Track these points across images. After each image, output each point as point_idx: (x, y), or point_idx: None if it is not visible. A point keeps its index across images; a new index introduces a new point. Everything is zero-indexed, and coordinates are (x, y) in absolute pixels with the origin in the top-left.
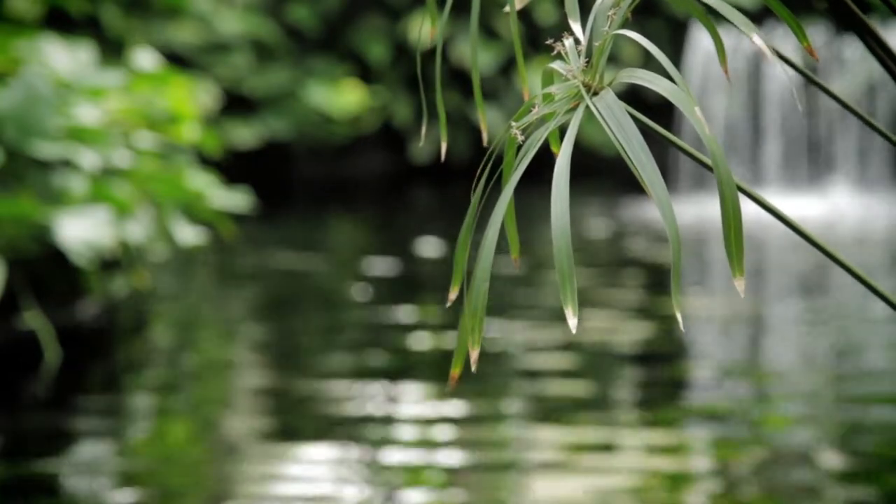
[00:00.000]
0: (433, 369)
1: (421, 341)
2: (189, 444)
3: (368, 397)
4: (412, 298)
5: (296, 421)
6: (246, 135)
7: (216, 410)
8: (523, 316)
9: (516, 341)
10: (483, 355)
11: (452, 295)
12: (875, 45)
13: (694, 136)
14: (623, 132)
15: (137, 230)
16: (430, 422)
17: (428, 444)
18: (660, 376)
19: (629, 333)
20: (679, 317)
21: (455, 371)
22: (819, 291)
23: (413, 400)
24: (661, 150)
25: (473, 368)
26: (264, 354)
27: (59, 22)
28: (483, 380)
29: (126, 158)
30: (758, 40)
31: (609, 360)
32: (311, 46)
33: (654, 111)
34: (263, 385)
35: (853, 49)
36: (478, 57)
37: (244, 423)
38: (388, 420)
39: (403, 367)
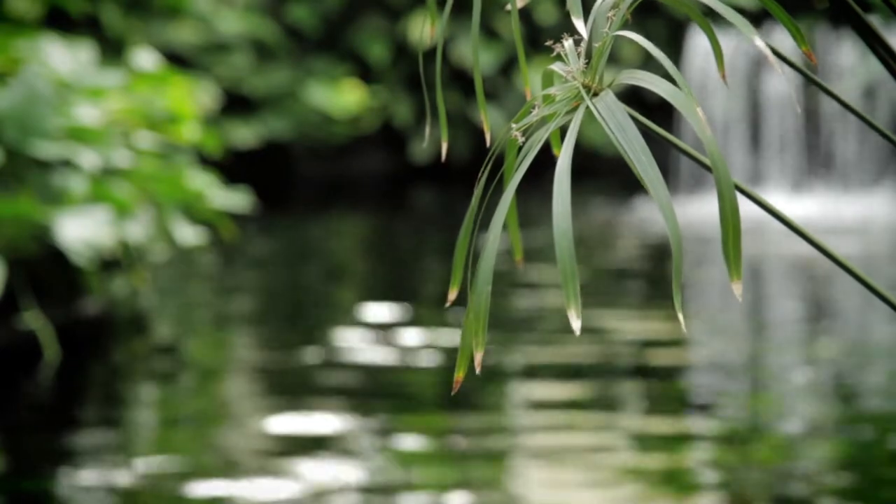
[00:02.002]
0: (435, 377)
1: (419, 344)
2: (189, 446)
3: (371, 408)
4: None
5: (296, 423)
6: (246, 135)
7: (216, 411)
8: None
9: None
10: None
11: (452, 295)
12: (876, 45)
13: (694, 136)
14: (623, 133)
15: (137, 230)
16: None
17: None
18: (659, 377)
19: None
20: (681, 317)
21: (459, 375)
22: (819, 293)
23: (414, 409)
24: (662, 151)
25: (478, 371)
26: (265, 355)
27: (59, 22)
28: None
29: (126, 158)
30: (759, 42)
31: (609, 367)
32: (311, 46)
33: (654, 111)
34: (264, 386)
35: (853, 50)
36: (479, 56)
37: (244, 426)
38: (390, 431)
39: (405, 372)
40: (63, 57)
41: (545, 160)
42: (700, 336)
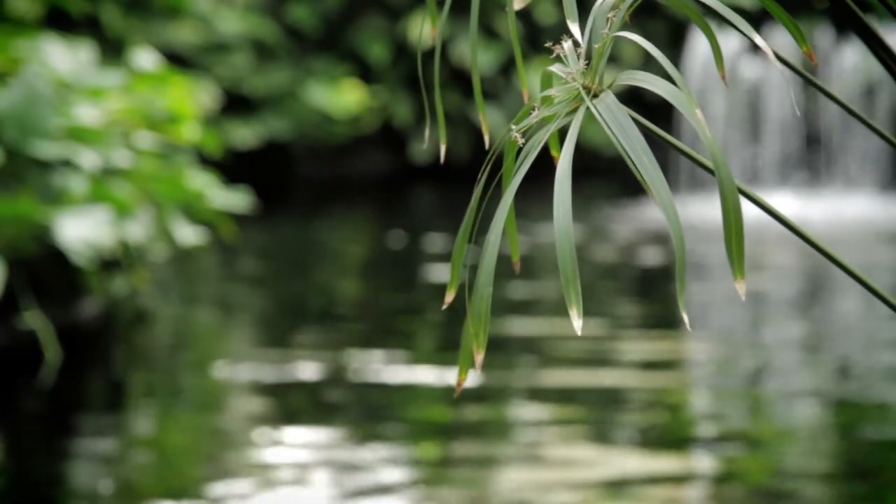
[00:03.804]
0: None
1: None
2: (189, 446)
3: (372, 404)
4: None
5: (297, 424)
6: (246, 135)
7: (216, 411)
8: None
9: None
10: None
11: (449, 297)
12: (876, 46)
13: (693, 136)
14: (624, 134)
15: (137, 230)
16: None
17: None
18: (658, 375)
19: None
20: (685, 317)
21: (461, 377)
22: (819, 293)
23: (414, 407)
24: (662, 151)
25: (479, 372)
26: (265, 354)
27: (59, 22)
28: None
29: (126, 158)
30: (759, 41)
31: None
32: (311, 46)
33: (653, 111)
34: (264, 386)
35: (853, 50)
36: (478, 57)
37: (245, 426)
38: (393, 429)
39: (406, 369)
40: (63, 57)
41: (546, 160)
42: (701, 336)
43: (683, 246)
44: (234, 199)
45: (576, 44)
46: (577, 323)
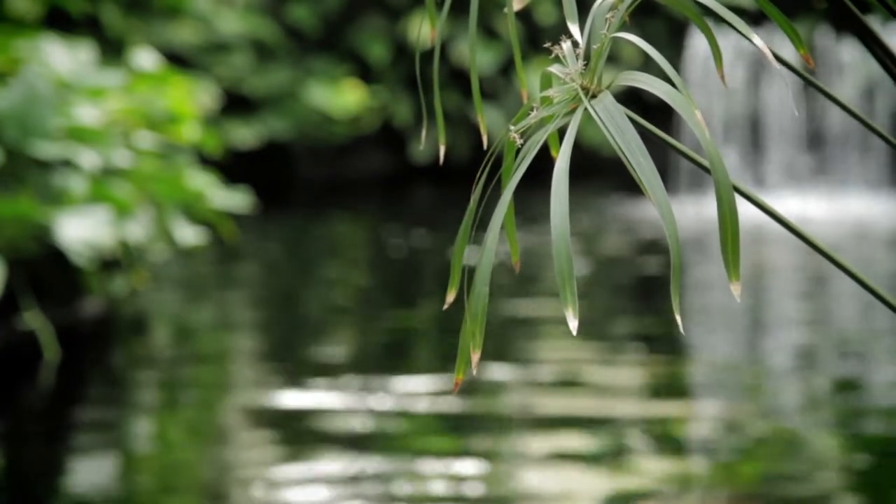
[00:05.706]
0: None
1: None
2: (188, 447)
3: (373, 406)
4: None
5: (297, 424)
6: (246, 135)
7: (215, 411)
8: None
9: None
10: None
11: (450, 297)
12: (875, 47)
13: (693, 136)
14: (622, 135)
15: (137, 230)
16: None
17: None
18: (659, 378)
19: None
20: (678, 319)
21: (458, 376)
22: (820, 294)
23: (414, 405)
24: (661, 151)
25: (475, 371)
26: (264, 355)
27: (59, 22)
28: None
29: (126, 158)
30: (757, 42)
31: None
32: (311, 46)
33: (653, 112)
34: (263, 386)
35: (853, 51)
36: (478, 57)
37: (245, 427)
38: (395, 431)
39: (405, 369)
40: (63, 57)
41: (546, 161)
42: (699, 343)
43: (678, 246)
44: (234, 199)
45: (575, 44)
46: (572, 323)
